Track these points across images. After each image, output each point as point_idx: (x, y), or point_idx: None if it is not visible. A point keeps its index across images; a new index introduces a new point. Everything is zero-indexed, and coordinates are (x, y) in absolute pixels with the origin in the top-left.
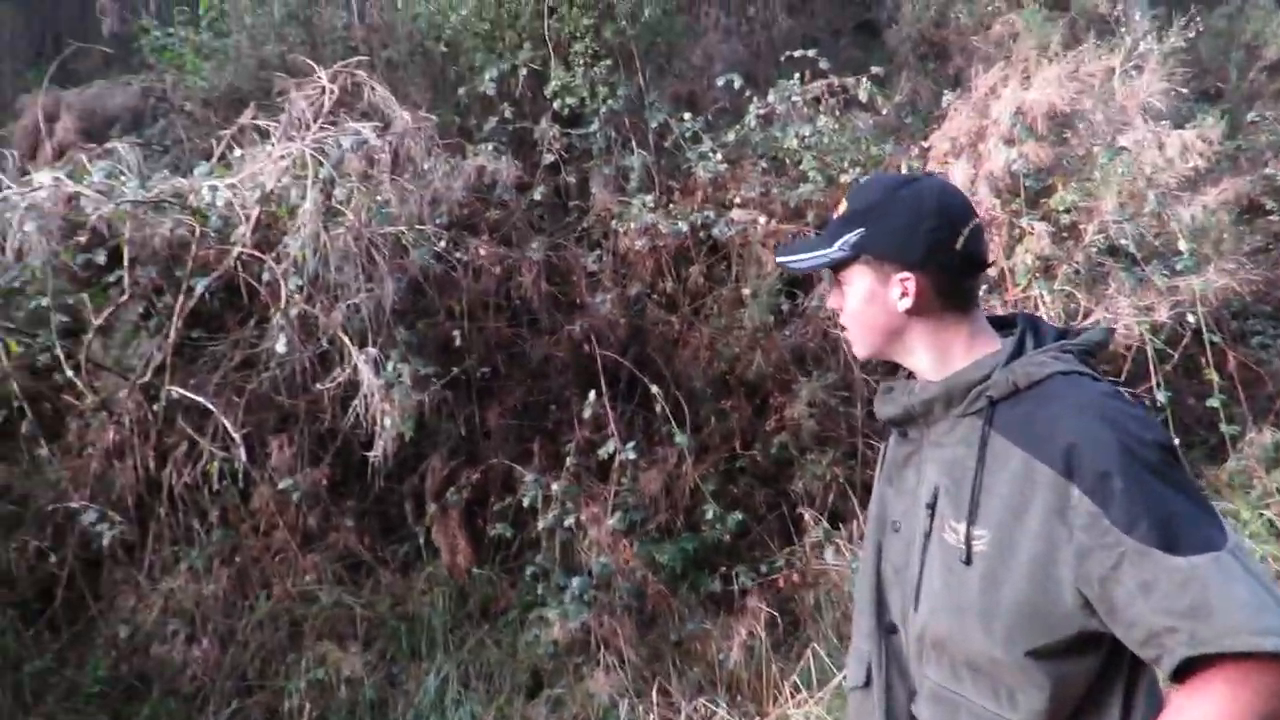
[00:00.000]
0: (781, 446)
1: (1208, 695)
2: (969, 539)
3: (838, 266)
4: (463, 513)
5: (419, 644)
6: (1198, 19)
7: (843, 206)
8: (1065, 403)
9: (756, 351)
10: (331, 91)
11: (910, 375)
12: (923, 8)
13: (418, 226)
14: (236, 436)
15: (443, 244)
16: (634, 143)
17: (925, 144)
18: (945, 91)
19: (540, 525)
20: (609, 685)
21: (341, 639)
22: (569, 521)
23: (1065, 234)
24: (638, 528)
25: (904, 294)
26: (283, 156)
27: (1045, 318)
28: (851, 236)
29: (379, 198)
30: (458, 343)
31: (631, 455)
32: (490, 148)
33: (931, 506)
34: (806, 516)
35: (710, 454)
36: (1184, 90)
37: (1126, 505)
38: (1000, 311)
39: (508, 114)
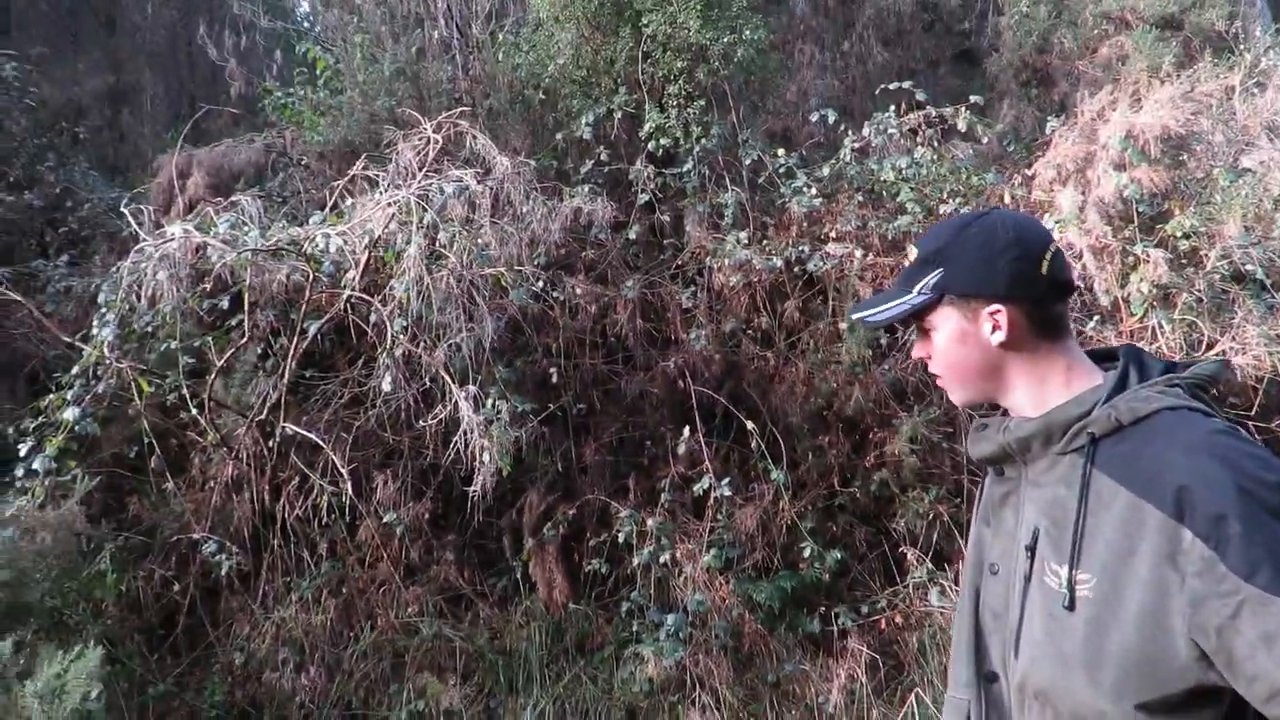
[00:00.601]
0: (882, 483)
1: None
2: (1072, 584)
3: (921, 313)
4: (559, 548)
5: (516, 678)
6: None
7: (912, 254)
8: (1174, 440)
9: (855, 386)
10: (436, 141)
11: (1005, 413)
12: (1025, 34)
13: (516, 267)
14: (344, 471)
15: (540, 284)
16: (728, 180)
17: (1029, 172)
18: (1049, 118)
19: (635, 561)
20: None
21: (441, 671)
22: (664, 558)
23: (1184, 260)
24: (734, 565)
25: (995, 327)
26: (390, 204)
27: (1164, 349)
28: (931, 279)
29: (479, 240)
30: (554, 379)
31: (727, 491)
32: (587, 189)
33: (1031, 549)
34: (909, 556)
35: (808, 491)
36: None
37: (1245, 550)
38: (1114, 343)
39: (603, 156)
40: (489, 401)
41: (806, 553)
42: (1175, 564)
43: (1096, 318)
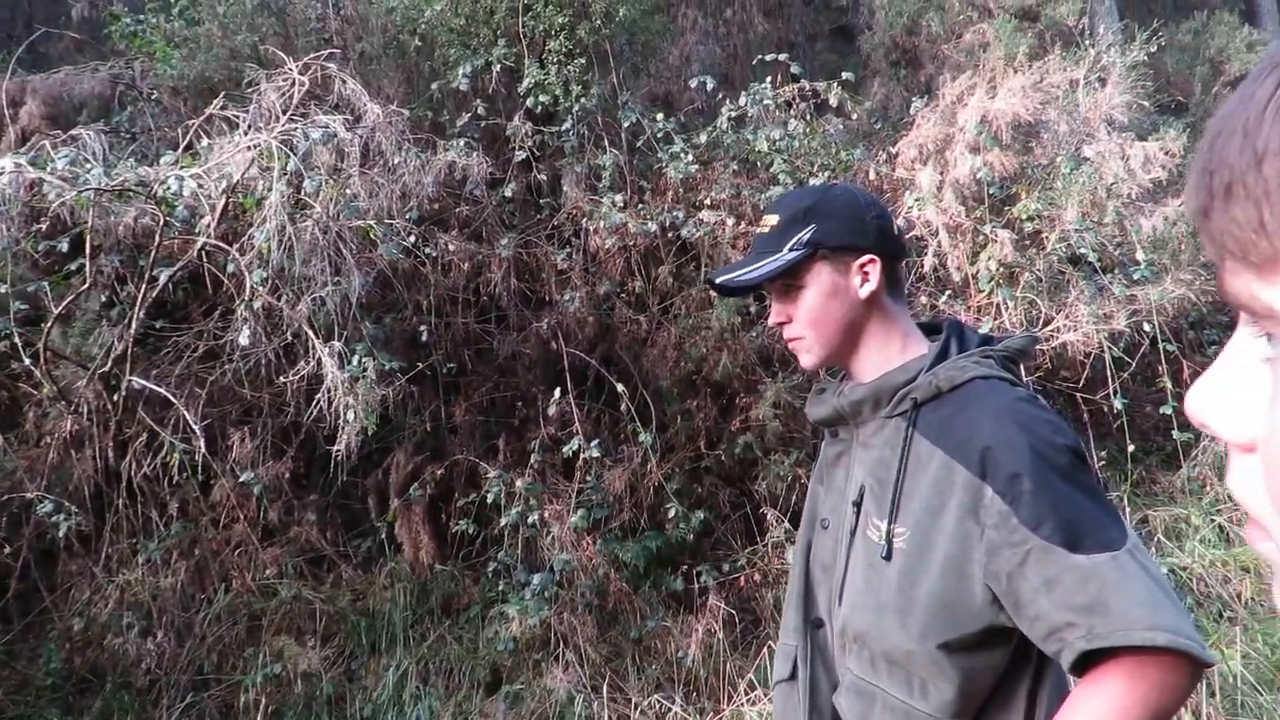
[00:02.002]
0: (746, 447)
1: (1105, 687)
2: (890, 536)
3: (792, 271)
4: (426, 508)
5: (379, 640)
6: (1160, 34)
7: (772, 219)
8: (983, 407)
9: (723, 352)
10: (302, 83)
11: (843, 379)
12: (896, 15)
13: (387, 220)
14: (197, 428)
15: (412, 239)
16: (606, 141)
17: (894, 150)
18: (915, 99)
19: (503, 522)
20: (567, 681)
21: (300, 633)
22: (532, 518)
23: (1028, 242)
24: (601, 525)
25: (864, 280)
26: (251, 147)
27: (1007, 324)
28: (804, 234)
29: (348, 191)
30: (425, 338)
31: (596, 453)
32: (462, 143)
33: (858, 505)
34: (769, 516)
35: (675, 453)
36: (1146, 104)
37: (1034, 505)
38: (964, 317)
39: (481, 110)
40: (355, 358)
41: (672, 513)
42: (977, 517)
43: (948, 292)
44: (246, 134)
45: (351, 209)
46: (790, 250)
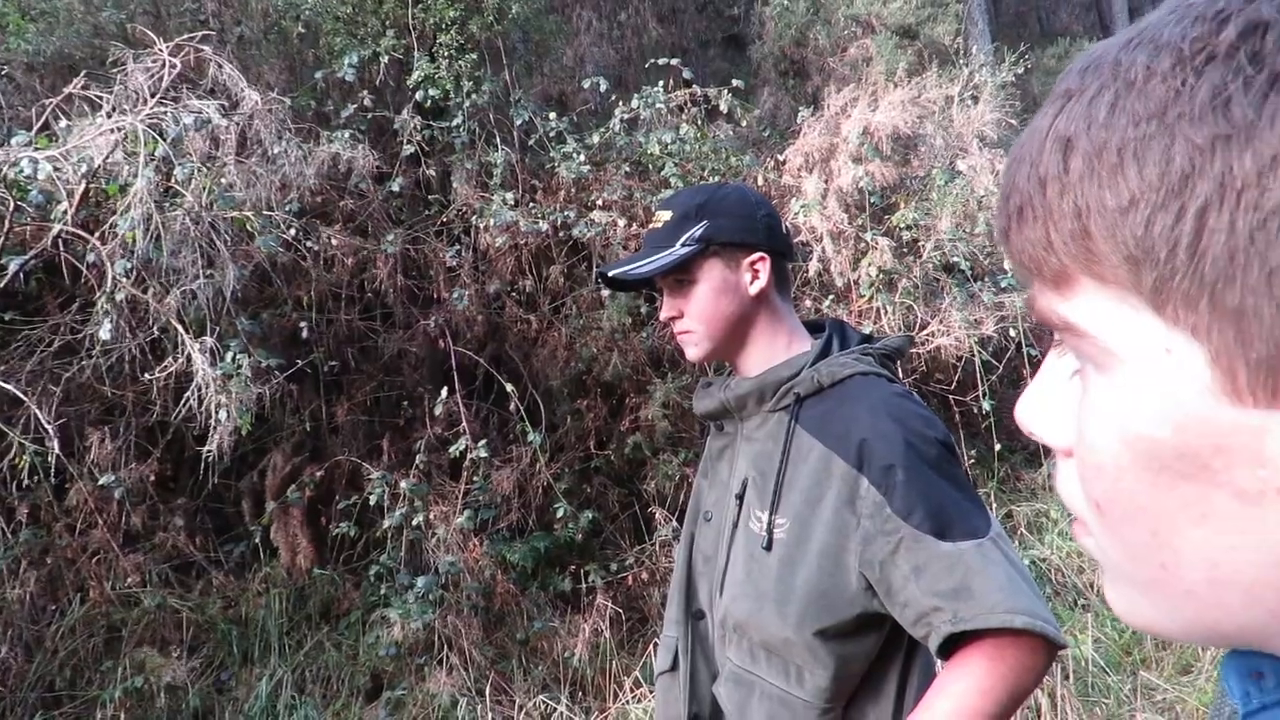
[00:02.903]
0: (635, 447)
1: (968, 669)
2: (770, 527)
3: (684, 266)
4: (305, 511)
5: (251, 648)
6: (1028, 57)
7: (664, 215)
8: (861, 402)
9: (614, 352)
10: (173, 65)
11: (730, 374)
12: (785, 26)
13: (265, 212)
14: (50, 428)
15: (292, 232)
16: (498, 139)
17: (781, 158)
18: (802, 108)
19: (387, 524)
20: (450, 685)
21: (165, 644)
22: (417, 520)
23: (906, 250)
24: (488, 526)
25: (755, 276)
26: (114, 130)
27: (886, 327)
28: (696, 231)
29: (222, 180)
30: (305, 334)
31: (484, 453)
32: (347, 135)
33: (740, 497)
34: (658, 515)
35: (565, 453)
36: (1014, 122)
37: (906, 495)
38: (846, 319)
39: (367, 102)
40: (229, 355)
41: (561, 513)
42: (854, 508)
43: (831, 296)
44: (110, 116)
45: (227, 199)
46: (683, 246)
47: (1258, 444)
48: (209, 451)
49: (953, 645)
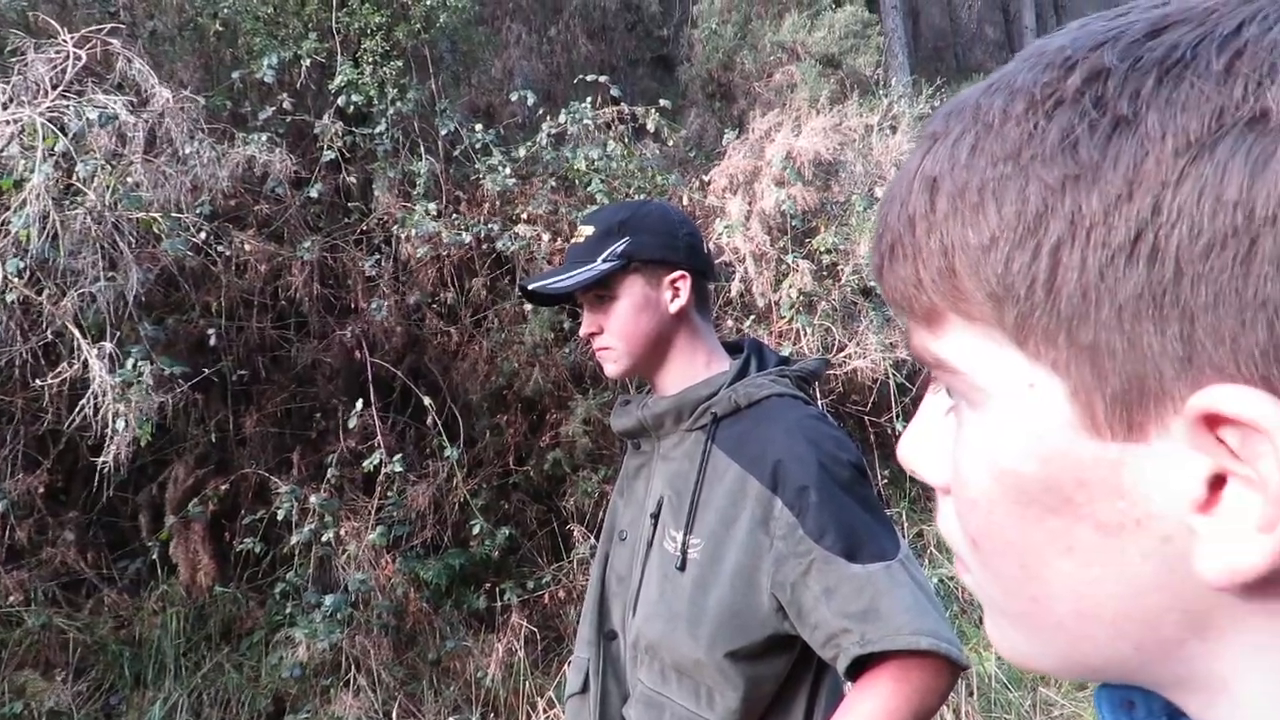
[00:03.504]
0: (555, 463)
1: (874, 690)
2: (685, 547)
3: (605, 281)
4: (207, 526)
5: (145, 670)
6: (944, 90)
7: (587, 230)
8: (777, 423)
9: (535, 367)
10: (78, 57)
11: (649, 392)
12: (713, 50)
13: (174, 214)
14: None
15: (202, 235)
16: (423, 148)
17: (706, 178)
18: (728, 131)
19: (294, 540)
20: (357, 707)
21: (49, 667)
22: (327, 536)
23: (826, 273)
24: (402, 543)
25: (675, 295)
26: (11, 122)
27: (806, 349)
28: (618, 246)
29: (128, 179)
30: (213, 342)
31: (399, 468)
32: (265, 138)
33: (656, 516)
34: (575, 532)
35: (483, 469)
36: None
37: (818, 516)
38: (768, 340)
39: (287, 105)
40: (129, 362)
41: (477, 530)
42: (767, 529)
43: (753, 316)
44: (6, 107)
45: (132, 199)
46: (604, 261)
47: (1116, 477)
48: (104, 462)
49: (860, 666)
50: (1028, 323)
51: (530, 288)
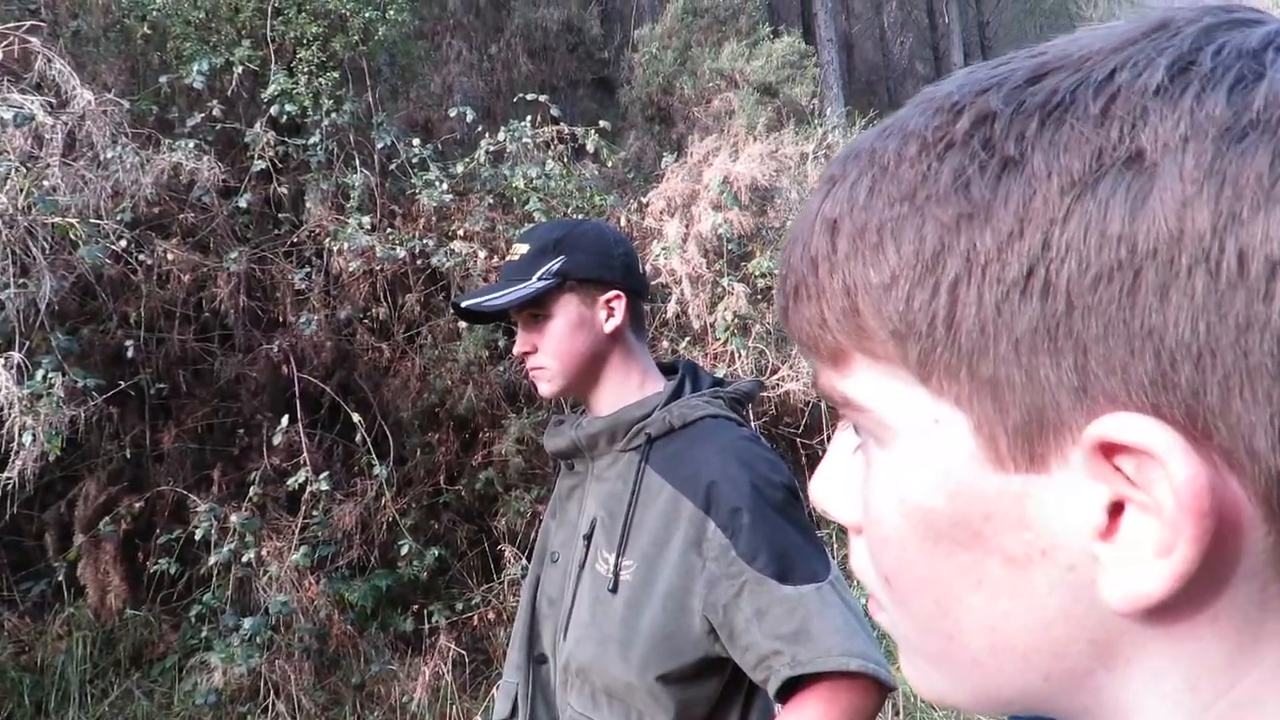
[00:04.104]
0: (487, 482)
1: (804, 712)
2: (617, 569)
3: (539, 300)
4: (119, 545)
5: (46, 699)
6: (875, 121)
7: (522, 248)
8: (710, 444)
9: (469, 385)
10: None
11: (583, 413)
12: (653, 74)
13: (92, 220)
14: None
15: (123, 243)
16: (358, 161)
17: (644, 200)
18: (666, 154)
19: (213, 560)
20: None
21: None
22: (247, 556)
23: (760, 296)
24: (327, 564)
25: (610, 315)
26: None
27: (740, 371)
28: (554, 265)
29: (44, 182)
30: (131, 354)
31: (325, 486)
32: (192, 145)
33: (588, 538)
34: (507, 553)
35: (413, 488)
36: None
37: (751, 538)
38: (702, 362)
39: (217, 112)
40: (40, 373)
41: (405, 550)
42: (700, 550)
43: (688, 338)
44: None
45: (48, 203)
46: (539, 279)
47: (1020, 509)
48: (9, 478)
49: (790, 688)
50: (930, 359)
51: (464, 305)
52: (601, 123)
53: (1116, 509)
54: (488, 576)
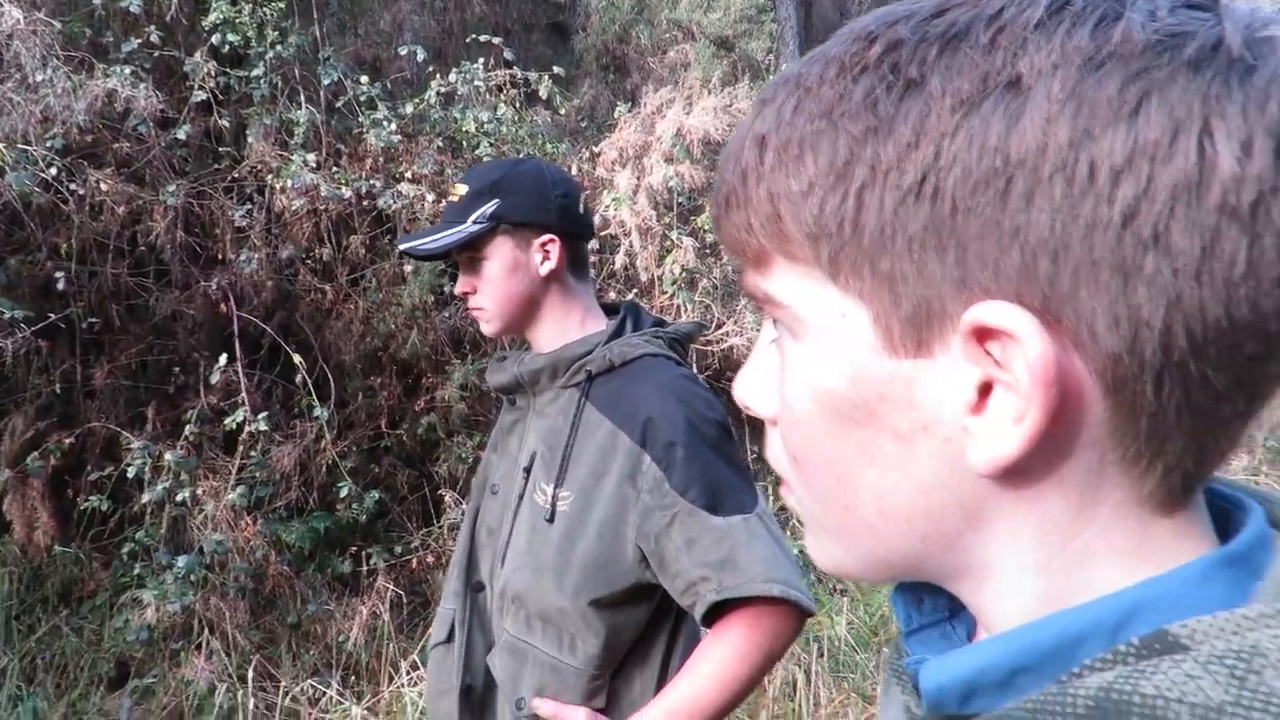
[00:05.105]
0: (429, 427)
1: (728, 635)
2: (554, 500)
3: (476, 242)
4: (47, 482)
5: None
6: None
7: (461, 189)
8: (649, 381)
9: (413, 330)
10: None
11: (526, 349)
12: (609, 21)
13: (20, 146)
14: None
15: (53, 171)
16: (303, 96)
17: (597, 150)
18: (620, 103)
19: (146, 498)
20: (209, 670)
21: None
22: (182, 495)
23: (708, 251)
24: (264, 505)
25: (545, 258)
26: None
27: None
28: (488, 209)
29: None
30: (61, 286)
31: (264, 426)
32: (128, 72)
33: (528, 470)
34: (447, 498)
35: (354, 431)
36: None
37: (684, 471)
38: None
39: (154, 38)
40: None
41: (344, 493)
42: (635, 483)
43: (635, 290)
44: None
45: None
46: (473, 223)
47: (909, 391)
48: None
49: (716, 613)
50: (839, 258)
51: (402, 248)
52: (555, 69)
53: (986, 389)
54: (427, 521)
